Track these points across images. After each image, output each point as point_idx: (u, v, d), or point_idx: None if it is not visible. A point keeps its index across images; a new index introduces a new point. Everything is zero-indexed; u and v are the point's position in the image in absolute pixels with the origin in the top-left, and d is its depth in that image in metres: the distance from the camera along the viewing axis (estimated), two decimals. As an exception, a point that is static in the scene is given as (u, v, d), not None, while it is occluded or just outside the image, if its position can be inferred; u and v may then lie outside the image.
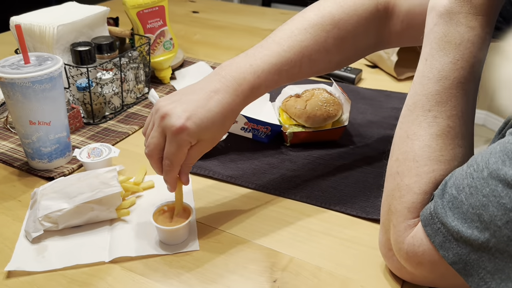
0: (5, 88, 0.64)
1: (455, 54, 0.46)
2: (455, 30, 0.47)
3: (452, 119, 0.46)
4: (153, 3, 0.90)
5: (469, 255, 0.41)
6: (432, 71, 0.48)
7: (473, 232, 0.40)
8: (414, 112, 0.49)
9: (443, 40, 0.47)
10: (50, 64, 0.66)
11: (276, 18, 1.48)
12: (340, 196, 0.66)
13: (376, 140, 0.80)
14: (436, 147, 0.46)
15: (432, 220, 0.44)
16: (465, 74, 0.47)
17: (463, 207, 0.41)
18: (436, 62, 0.47)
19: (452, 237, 0.42)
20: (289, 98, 0.80)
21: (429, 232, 0.44)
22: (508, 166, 0.38)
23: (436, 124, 0.47)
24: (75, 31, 0.83)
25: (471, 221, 0.40)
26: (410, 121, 0.49)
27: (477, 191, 0.40)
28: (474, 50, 0.46)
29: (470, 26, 0.46)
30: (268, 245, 0.57)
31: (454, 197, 0.42)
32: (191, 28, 1.37)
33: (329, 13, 0.62)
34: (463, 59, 0.46)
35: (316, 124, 0.77)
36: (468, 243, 0.40)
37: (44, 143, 0.68)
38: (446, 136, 0.46)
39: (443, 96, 0.47)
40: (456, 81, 0.47)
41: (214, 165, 0.72)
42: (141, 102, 0.92)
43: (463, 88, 0.47)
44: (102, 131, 0.81)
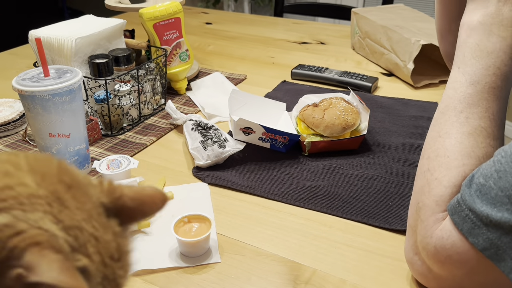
0: (25, 101, 0.65)
1: (487, 61, 0.48)
2: (488, 39, 0.49)
3: (483, 120, 0.48)
4: (169, 15, 0.91)
5: (500, 239, 0.40)
6: (464, 76, 0.49)
7: (504, 215, 0.40)
8: (446, 114, 0.50)
9: (476, 49, 0.49)
10: (69, 76, 0.66)
11: (289, 28, 1.49)
12: (361, 207, 0.65)
13: (395, 149, 0.78)
14: (468, 143, 0.47)
15: (459, 208, 0.43)
16: (496, 81, 0.48)
17: (492, 192, 0.41)
18: (468, 68, 0.49)
19: (481, 222, 0.41)
20: (307, 108, 0.79)
21: (457, 220, 0.44)
22: None
23: (468, 124, 0.48)
24: (93, 44, 0.84)
25: (501, 204, 0.40)
26: (442, 123, 0.50)
27: (506, 174, 0.40)
28: (506, 59, 0.48)
29: (502, 36, 0.48)
30: (290, 257, 0.56)
31: (482, 185, 0.42)
32: (205, 39, 1.38)
33: None
34: (495, 66, 0.48)
35: (334, 134, 0.76)
36: (498, 226, 0.40)
37: (64, 155, 0.68)
38: (478, 135, 0.47)
39: (474, 98, 0.48)
40: (488, 86, 0.48)
41: (232, 176, 0.72)
42: (158, 113, 0.92)
43: (494, 93, 0.48)
44: (120, 142, 0.81)
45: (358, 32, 1.22)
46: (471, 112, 0.48)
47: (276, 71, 1.14)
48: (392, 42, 1.07)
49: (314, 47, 1.31)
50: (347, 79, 1.02)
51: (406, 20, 1.13)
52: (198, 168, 0.74)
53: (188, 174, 0.73)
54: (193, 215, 0.59)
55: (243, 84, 1.07)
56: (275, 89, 1.03)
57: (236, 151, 0.74)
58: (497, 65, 0.48)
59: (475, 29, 0.50)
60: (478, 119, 0.48)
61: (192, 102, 0.97)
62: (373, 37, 1.15)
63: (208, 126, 0.78)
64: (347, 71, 1.06)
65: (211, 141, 0.74)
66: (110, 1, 1.06)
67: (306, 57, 1.23)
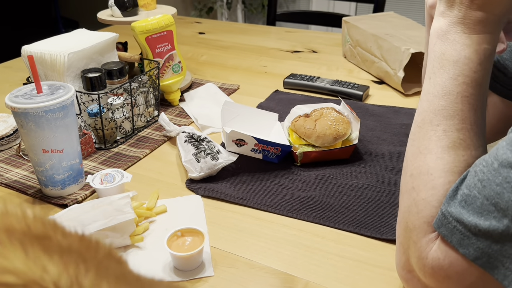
0: (18, 117, 0.65)
1: (454, 70, 0.48)
2: (452, 48, 0.49)
3: (462, 132, 0.47)
4: (161, 28, 0.92)
5: (491, 247, 0.40)
6: (435, 87, 0.49)
7: (491, 223, 0.40)
8: (423, 128, 0.50)
9: (442, 58, 0.49)
10: (62, 92, 0.67)
11: (281, 37, 1.50)
12: (353, 216, 0.65)
13: (386, 158, 0.79)
14: (449, 158, 0.47)
15: (446, 220, 0.43)
16: (468, 89, 0.48)
17: (477, 202, 0.41)
18: (438, 79, 0.49)
19: (470, 232, 0.41)
20: (298, 118, 0.80)
21: (445, 233, 0.43)
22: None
23: (446, 137, 0.47)
24: (86, 58, 0.85)
25: (487, 213, 0.40)
26: (420, 137, 0.50)
27: (490, 182, 0.40)
28: (473, 66, 0.48)
29: (465, 44, 0.48)
30: (283, 269, 0.57)
31: (467, 195, 0.42)
32: (198, 49, 1.39)
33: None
34: (463, 75, 0.48)
35: (326, 144, 0.77)
36: (487, 235, 0.40)
37: (57, 171, 0.69)
38: (458, 148, 0.47)
39: (449, 110, 0.48)
40: (460, 95, 0.48)
41: (225, 187, 0.72)
42: (151, 125, 0.93)
43: (468, 102, 0.48)
44: (114, 155, 0.82)
45: (349, 40, 1.24)
46: (448, 125, 0.48)
47: (268, 80, 1.15)
48: (383, 51, 1.08)
49: (306, 56, 1.32)
50: (338, 88, 1.03)
51: (396, 28, 1.15)
52: (192, 181, 0.74)
53: (182, 187, 0.74)
54: (186, 228, 0.59)
55: (236, 94, 1.07)
56: (268, 99, 1.04)
57: (229, 162, 0.75)
58: (465, 73, 0.47)
59: (439, 38, 0.50)
60: (456, 131, 0.47)
61: (185, 113, 0.98)
62: (363, 45, 1.16)
63: (201, 138, 0.79)
64: (339, 80, 1.07)
65: (204, 153, 0.75)
66: (102, 14, 1.07)
67: (298, 65, 1.24)
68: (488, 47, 0.48)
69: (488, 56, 0.48)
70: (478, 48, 0.48)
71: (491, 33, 0.48)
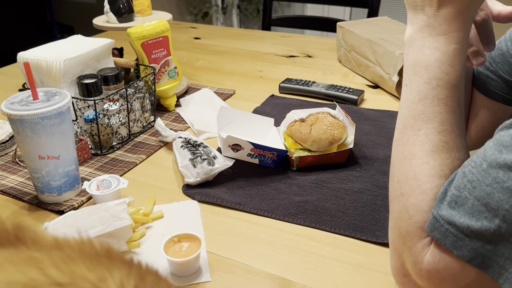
0: (14, 124, 0.65)
1: (427, 74, 0.49)
2: (422, 53, 0.49)
3: (443, 134, 0.48)
4: (157, 34, 0.92)
5: (484, 247, 0.41)
6: (412, 93, 0.50)
7: (483, 223, 0.40)
8: (405, 134, 0.50)
9: (414, 64, 0.50)
10: (58, 99, 0.67)
11: (276, 42, 1.51)
12: (349, 221, 0.66)
13: (382, 162, 0.80)
14: (434, 162, 0.47)
15: (438, 224, 0.44)
16: (443, 91, 0.48)
17: (468, 203, 0.41)
18: (414, 85, 0.50)
19: (463, 234, 0.42)
20: (294, 123, 0.81)
21: (438, 236, 0.44)
22: (505, 153, 0.39)
23: (428, 141, 0.48)
24: (81, 64, 0.85)
25: (478, 213, 0.41)
26: (403, 143, 0.50)
27: (480, 183, 0.41)
28: (445, 68, 0.48)
29: (433, 47, 0.49)
30: (280, 274, 0.57)
31: (457, 196, 0.43)
32: (194, 55, 1.40)
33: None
34: (436, 78, 0.48)
35: (321, 148, 0.77)
36: (480, 235, 0.41)
37: (54, 177, 0.69)
38: (442, 151, 0.47)
39: (428, 114, 0.48)
40: (436, 98, 0.48)
41: (222, 192, 0.72)
42: (147, 131, 0.93)
43: (445, 104, 0.48)
44: (110, 161, 0.82)
45: (343, 45, 1.24)
46: (429, 128, 0.48)
47: (264, 85, 1.15)
48: (377, 55, 1.09)
49: (302, 60, 1.33)
50: (333, 93, 1.04)
51: (390, 33, 1.16)
52: (188, 186, 0.74)
53: (178, 192, 0.74)
54: (183, 234, 0.59)
55: (232, 99, 1.08)
56: (264, 104, 1.04)
57: (225, 167, 0.75)
58: (438, 76, 0.48)
59: (410, 45, 0.51)
60: (437, 134, 0.48)
61: (181, 118, 0.98)
62: (358, 50, 1.17)
63: (197, 144, 0.79)
64: (334, 84, 1.08)
65: (201, 159, 0.75)
66: (98, 20, 1.08)
67: (293, 70, 1.25)
68: (457, 46, 0.49)
69: (459, 55, 0.49)
70: (446, 49, 0.48)
71: (458, 31, 0.49)
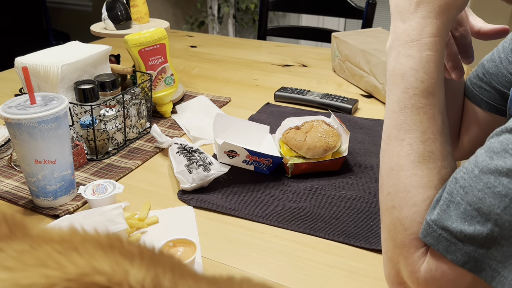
0: (11, 128, 0.65)
1: (403, 83, 0.49)
2: (398, 62, 0.50)
3: (427, 143, 0.48)
4: (154, 41, 0.93)
5: (477, 251, 0.41)
6: (392, 104, 0.50)
7: (476, 227, 0.41)
8: (390, 144, 0.50)
9: (392, 74, 0.50)
10: (55, 104, 0.67)
11: (272, 51, 1.52)
12: (343, 227, 0.66)
13: (375, 169, 0.81)
14: (423, 173, 0.47)
15: (431, 229, 0.44)
16: (421, 100, 0.48)
17: (461, 208, 0.42)
18: (393, 96, 0.50)
19: (456, 238, 0.42)
20: (289, 130, 0.82)
21: (431, 242, 0.44)
22: (496, 159, 0.40)
23: (413, 151, 0.48)
24: (79, 70, 0.86)
25: (471, 218, 0.41)
26: (389, 154, 0.51)
27: (472, 188, 0.41)
28: (419, 76, 0.48)
29: (408, 54, 0.49)
30: (274, 279, 0.57)
31: (450, 201, 0.43)
32: (190, 62, 1.41)
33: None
34: (412, 87, 0.48)
35: (316, 155, 0.78)
36: (473, 239, 0.41)
37: (49, 181, 0.69)
38: (428, 161, 0.47)
39: (409, 124, 0.48)
40: (415, 107, 0.48)
41: (217, 198, 0.73)
42: (143, 137, 0.93)
43: (424, 112, 0.48)
44: (105, 167, 0.82)
45: (338, 55, 1.26)
46: (412, 138, 0.48)
47: (259, 93, 1.17)
48: (371, 65, 1.10)
49: (297, 70, 1.34)
50: (328, 101, 1.05)
51: (384, 44, 1.17)
52: (183, 192, 0.75)
53: (174, 198, 0.74)
54: (178, 239, 0.60)
55: (227, 107, 1.09)
56: (259, 111, 1.05)
57: (221, 174, 0.76)
58: (414, 84, 0.48)
59: (389, 54, 0.51)
60: (420, 143, 0.48)
61: (177, 125, 0.99)
62: (352, 60, 1.19)
63: (193, 150, 0.80)
64: (328, 93, 1.09)
65: (196, 165, 0.75)
66: (95, 27, 1.08)
67: (289, 79, 1.26)
68: (431, 53, 0.49)
69: (433, 62, 0.49)
70: (420, 56, 0.48)
71: (432, 36, 0.48)
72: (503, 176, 0.39)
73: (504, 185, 0.39)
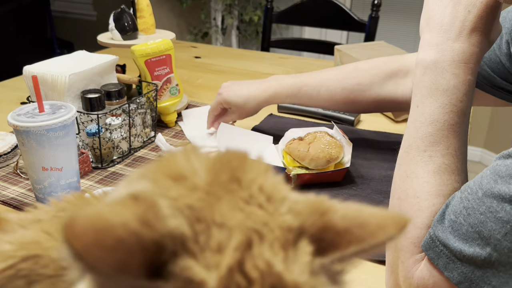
0: (20, 135, 0.67)
1: (443, 99, 0.50)
2: (442, 77, 0.51)
3: (447, 158, 0.49)
4: (160, 52, 0.95)
5: (474, 273, 0.42)
6: (423, 115, 0.51)
7: (475, 250, 0.41)
8: (410, 153, 0.52)
9: (431, 87, 0.51)
10: (63, 112, 0.68)
11: (275, 63, 1.54)
12: (345, 238, 0.67)
13: (377, 181, 0.82)
14: (435, 182, 0.49)
15: (433, 244, 0.45)
16: (454, 117, 0.50)
17: (463, 228, 0.43)
18: (426, 108, 0.51)
19: (455, 257, 0.43)
20: (292, 141, 0.83)
21: (432, 256, 0.45)
22: (500, 184, 0.41)
23: (432, 162, 0.49)
24: (86, 79, 0.87)
25: (472, 240, 0.42)
26: (407, 162, 0.52)
27: (474, 210, 0.42)
28: (460, 95, 0.50)
29: (454, 73, 0.50)
30: (277, 288, 0.58)
31: (453, 221, 0.44)
32: (194, 73, 1.42)
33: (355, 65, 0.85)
34: (451, 104, 0.50)
35: (319, 166, 0.79)
36: (471, 261, 0.42)
37: (56, 189, 0.70)
38: (443, 173, 0.49)
39: (436, 137, 0.50)
40: (447, 123, 0.50)
41: (220, 208, 0.73)
42: (147, 145, 0.94)
43: (453, 129, 0.50)
44: (110, 175, 0.83)
45: (341, 67, 1.28)
46: (434, 150, 0.50)
47: (263, 104, 1.18)
48: (373, 78, 1.12)
49: (300, 81, 1.35)
50: (331, 113, 1.07)
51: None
52: (187, 200, 0.75)
53: (178, 206, 0.75)
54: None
55: (231, 117, 1.10)
56: (262, 122, 1.06)
57: (225, 183, 0.77)
58: (453, 102, 0.50)
59: (429, 68, 0.52)
60: (441, 156, 0.49)
61: (181, 134, 1.00)
62: (355, 72, 1.20)
63: (197, 159, 0.81)
64: (331, 105, 1.10)
65: (200, 174, 0.76)
66: (102, 37, 1.10)
67: (291, 91, 1.28)
68: (472, 78, 0.51)
69: (471, 86, 0.51)
70: (464, 78, 0.50)
71: (476, 63, 0.51)
72: (506, 202, 0.40)
73: (506, 211, 0.40)
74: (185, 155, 0.25)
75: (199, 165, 0.25)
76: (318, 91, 0.85)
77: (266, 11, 1.81)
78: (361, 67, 0.85)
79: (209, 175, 0.24)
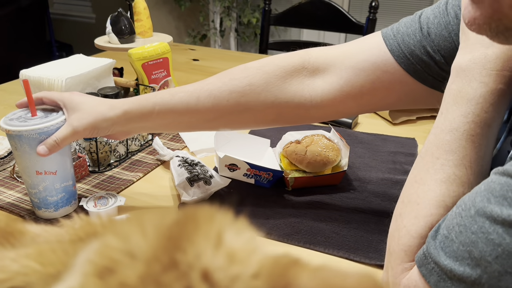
0: (12, 140, 0.66)
1: (466, 108, 0.48)
2: (469, 85, 0.48)
3: (459, 168, 0.47)
4: (157, 55, 0.95)
5: None
6: (444, 123, 0.49)
7: (465, 270, 0.40)
8: (424, 159, 0.50)
9: (457, 95, 0.49)
10: (56, 115, 0.68)
11: (273, 65, 1.54)
12: (342, 242, 0.67)
13: (375, 184, 0.81)
14: (439, 192, 0.47)
15: (426, 260, 0.44)
16: (475, 128, 0.47)
17: (454, 246, 0.42)
18: (449, 115, 0.49)
19: (446, 276, 0.42)
20: (290, 144, 0.82)
21: (424, 272, 0.44)
22: (493, 204, 0.39)
23: (442, 171, 0.48)
24: (82, 83, 0.87)
25: (462, 259, 0.41)
26: (419, 167, 0.51)
27: (466, 228, 0.41)
28: (486, 106, 0.47)
29: (484, 81, 0.47)
30: (273, 293, 0.57)
31: (446, 236, 0.43)
32: (192, 76, 1.42)
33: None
34: (474, 114, 0.48)
35: (316, 169, 0.78)
36: (461, 280, 0.41)
37: (51, 193, 0.69)
38: (451, 184, 0.47)
39: (452, 145, 0.48)
40: (466, 133, 0.48)
41: (217, 212, 0.73)
42: (145, 149, 0.94)
43: (473, 140, 0.47)
44: (107, 179, 0.83)
45: (339, 70, 1.27)
46: (447, 159, 0.48)
47: (260, 107, 1.17)
48: (371, 80, 1.11)
49: (298, 84, 1.35)
50: (329, 116, 1.06)
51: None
52: (184, 204, 0.75)
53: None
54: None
55: (228, 120, 1.09)
56: (260, 125, 1.06)
57: (222, 187, 0.76)
58: (477, 112, 0.47)
59: (458, 75, 0.49)
60: (453, 166, 0.47)
61: (178, 138, 1.00)
62: (353, 75, 1.20)
63: (194, 163, 0.80)
64: (329, 107, 1.10)
65: (197, 178, 0.76)
66: (99, 40, 1.10)
67: (289, 93, 1.27)
68: (504, 87, 0.48)
69: (502, 97, 0.48)
70: (494, 88, 0.47)
71: (510, 71, 0.47)
72: (498, 224, 0.39)
73: (498, 234, 0.39)
74: (128, 229, 0.22)
75: (139, 244, 0.21)
76: (198, 97, 0.65)
77: (264, 13, 1.81)
78: (251, 65, 0.69)
79: (145, 262, 0.20)
